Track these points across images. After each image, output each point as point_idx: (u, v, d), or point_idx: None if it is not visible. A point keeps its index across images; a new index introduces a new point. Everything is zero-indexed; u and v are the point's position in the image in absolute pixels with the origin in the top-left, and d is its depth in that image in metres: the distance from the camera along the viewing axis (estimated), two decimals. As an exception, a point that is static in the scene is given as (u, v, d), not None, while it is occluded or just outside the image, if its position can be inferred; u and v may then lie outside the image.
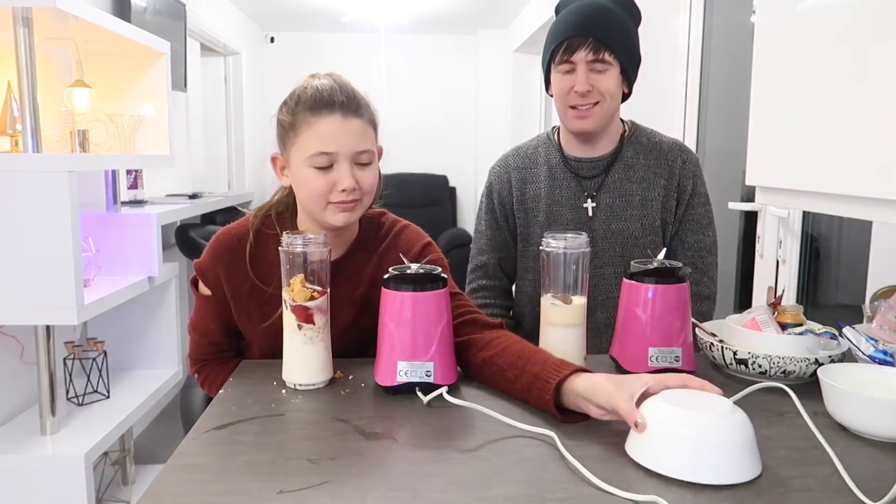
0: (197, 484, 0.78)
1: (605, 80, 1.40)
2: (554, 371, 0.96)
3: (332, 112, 1.11)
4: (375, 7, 5.11)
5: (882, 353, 1.08)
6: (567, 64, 1.40)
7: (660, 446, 0.80)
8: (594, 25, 1.38)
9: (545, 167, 1.54)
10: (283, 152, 1.18)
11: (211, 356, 1.28)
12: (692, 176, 1.50)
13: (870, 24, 0.93)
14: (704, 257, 1.52)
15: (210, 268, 1.22)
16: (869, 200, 0.95)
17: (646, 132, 1.54)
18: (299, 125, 1.12)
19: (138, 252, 2.13)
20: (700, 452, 0.78)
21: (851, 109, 0.97)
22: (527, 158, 1.57)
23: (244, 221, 1.25)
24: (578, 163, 1.51)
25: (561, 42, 1.40)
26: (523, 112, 5.91)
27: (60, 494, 1.71)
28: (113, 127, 2.16)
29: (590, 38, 1.37)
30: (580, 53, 1.38)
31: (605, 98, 1.41)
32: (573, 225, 1.48)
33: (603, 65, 1.39)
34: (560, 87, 1.43)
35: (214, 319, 1.24)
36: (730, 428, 0.80)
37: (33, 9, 1.60)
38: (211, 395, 1.26)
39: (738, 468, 0.78)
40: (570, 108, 1.43)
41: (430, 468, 0.82)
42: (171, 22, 3.28)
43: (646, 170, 1.49)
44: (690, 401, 0.84)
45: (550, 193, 1.51)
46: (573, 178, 1.51)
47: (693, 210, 1.51)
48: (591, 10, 1.40)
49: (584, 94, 1.40)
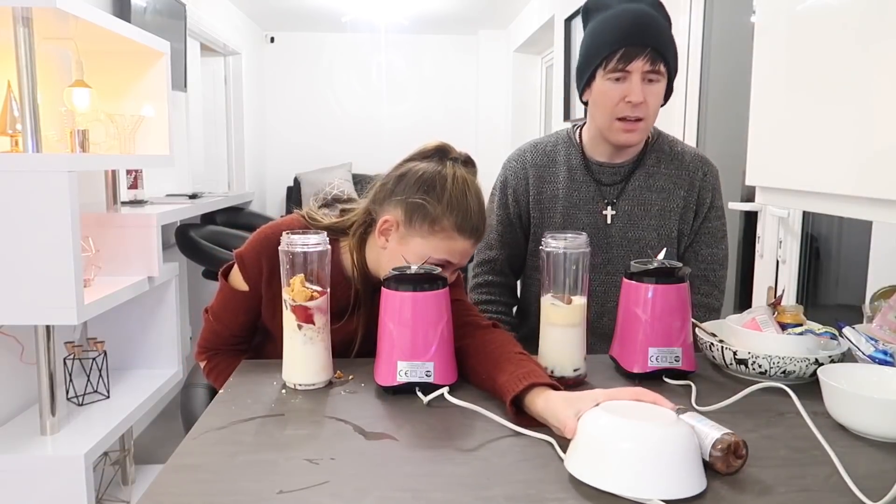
0: (197, 484, 0.78)
1: (655, 91, 1.37)
2: (511, 386, 0.97)
3: (469, 238, 1.17)
4: (375, 7, 5.11)
5: (882, 353, 1.08)
6: (620, 72, 1.35)
7: (599, 460, 0.77)
8: (652, 35, 1.34)
9: (564, 167, 1.50)
10: (402, 226, 1.16)
11: (225, 347, 1.28)
12: (711, 189, 1.49)
13: (870, 24, 0.93)
14: (716, 270, 1.51)
15: (254, 260, 1.20)
16: (869, 200, 0.95)
17: (668, 140, 1.51)
18: (438, 228, 1.14)
19: (138, 252, 2.13)
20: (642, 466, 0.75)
21: (852, 109, 0.97)
22: (545, 156, 1.53)
23: (291, 221, 1.24)
24: (600, 167, 1.48)
25: (616, 49, 1.34)
26: (523, 112, 5.91)
27: (60, 494, 1.71)
28: (113, 127, 2.16)
29: (648, 48, 1.33)
30: (637, 63, 1.33)
31: (650, 115, 1.38)
32: (589, 229, 1.45)
33: (656, 75, 1.35)
34: (609, 96, 1.37)
35: (243, 313, 1.24)
36: (672, 441, 0.76)
37: (33, 9, 1.60)
38: (216, 385, 1.26)
39: (680, 483, 0.75)
40: (618, 120, 1.38)
41: (430, 468, 0.82)
42: (171, 22, 3.28)
43: (666, 179, 1.47)
44: (633, 412, 0.81)
45: (568, 196, 1.49)
46: (593, 182, 1.48)
47: (709, 223, 1.50)
48: (646, 19, 1.36)
49: (636, 106, 1.35)
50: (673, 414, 0.81)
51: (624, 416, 0.79)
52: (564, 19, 4.01)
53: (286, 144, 6.28)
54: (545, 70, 5.72)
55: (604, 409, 0.82)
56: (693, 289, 1.50)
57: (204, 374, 1.31)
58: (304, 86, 6.26)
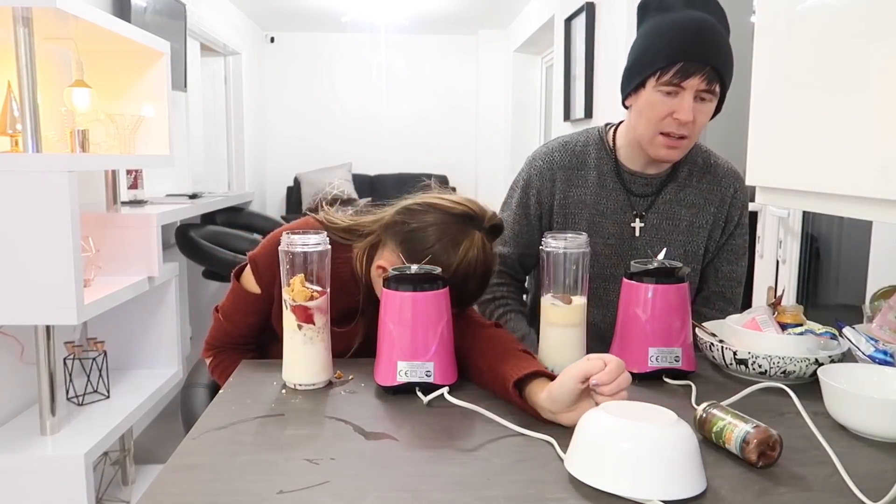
0: (197, 484, 0.78)
1: (705, 110, 1.30)
2: (515, 372, 0.99)
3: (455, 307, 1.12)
4: (375, 7, 5.11)
5: (882, 353, 1.08)
6: (674, 87, 1.27)
7: (599, 460, 0.77)
8: (713, 52, 1.27)
9: (595, 172, 1.43)
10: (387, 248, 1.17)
11: (232, 345, 1.29)
12: (741, 206, 1.45)
13: (870, 24, 0.93)
14: (734, 287, 1.48)
15: (267, 263, 1.20)
16: (869, 200, 0.95)
17: (702, 151, 1.46)
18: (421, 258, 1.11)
19: (138, 252, 2.13)
20: (641, 466, 0.75)
21: (852, 109, 0.97)
22: (575, 157, 1.45)
23: (302, 224, 1.24)
24: (632, 176, 1.42)
25: (674, 62, 1.26)
26: (523, 112, 5.91)
27: (60, 494, 1.71)
28: (113, 127, 2.16)
29: (708, 66, 1.25)
30: (693, 80, 1.25)
31: (695, 134, 1.32)
32: (614, 240, 1.42)
33: (710, 95, 1.29)
34: (657, 110, 1.29)
35: (253, 314, 1.24)
36: (672, 441, 0.76)
37: (33, 9, 1.60)
38: (220, 382, 1.26)
39: (679, 483, 0.75)
40: (661, 135, 1.31)
41: (430, 468, 0.82)
42: (171, 22, 3.28)
43: (697, 194, 1.43)
44: (633, 412, 0.81)
45: (596, 203, 1.42)
46: (623, 191, 1.42)
47: (734, 240, 1.46)
48: (710, 34, 1.27)
49: (684, 124, 1.28)
50: (673, 414, 0.81)
51: (624, 417, 0.79)
52: (564, 19, 4.00)
53: (286, 144, 6.28)
54: (545, 70, 5.72)
55: (604, 409, 0.82)
56: (709, 304, 1.48)
57: (209, 370, 1.31)
58: (304, 86, 6.26)
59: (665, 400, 1.03)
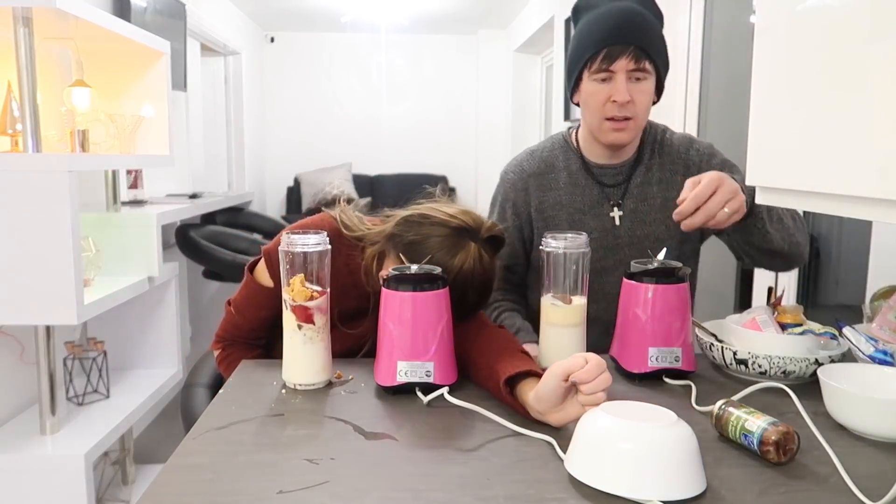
0: (197, 484, 0.78)
1: (643, 89, 1.34)
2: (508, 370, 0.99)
3: None
4: (375, 7, 5.11)
5: (882, 353, 1.08)
6: (605, 72, 1.33)
7: (599, 460, 0.77)
8: (635, 33, 1.32)
9: (564, 173, 1.47)
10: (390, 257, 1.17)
11: (241, 339, 1.29)
12: (708, 158, 1.45)
13: (869, 24, 0.93)
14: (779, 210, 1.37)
15: None
16: (869, 200, 0.95)
17: (659, 130, 1.50)
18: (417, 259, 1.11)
19: (138, 252, 2.13)
20: (641, 467, 0.75)
21: (851, 109, 0.97)
22: (543, 163, 1.49)
23: (321, 221, 1.24)
24: (601, 169, 1.46)
25: (599, 49, 1.33)
26: (523, 112, 5.92)
27: (60, 494, 1.71)
28: (113, 127, 2.16)
29: (631, 47, 1.31)
30: (621, 62, 1.31)
31: (639, 113, 1.36)
32: (597, 233, 1.44)
33: (642, 73, 1.33)
34: (596, 98, 1.36)
35: (266, 308, 1.24)
36: (672, 441, 0.76)
37: (33, 9, 1.60)
38: (225, 375, 1.27)
39: (679, 483, 0.75)
40: (607, 120, 1.36)
41: (430, 468, 0.82)
42: (171, 22, 3.28)
43: (662, 169, 1.46)
44: (633, 412, 0.81)
45: (572, 202, 1.46)
46: (595, 185, 1.45)
47: None
48: (630, 17, 1.33)
49: (623, 105, 1.33)
50: (673, 414, 0.81)
51: (624, 417, 0.79)
52: (564, 19, 4.01)
53: (286, 144, 6.28)
54: (545, 70, 5.72)
55: (604, 409, 0.82)
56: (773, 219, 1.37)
57: (216, 362, 1.31)
58: (304, 86, 6.26)
59: (665, 400, 1.03)
